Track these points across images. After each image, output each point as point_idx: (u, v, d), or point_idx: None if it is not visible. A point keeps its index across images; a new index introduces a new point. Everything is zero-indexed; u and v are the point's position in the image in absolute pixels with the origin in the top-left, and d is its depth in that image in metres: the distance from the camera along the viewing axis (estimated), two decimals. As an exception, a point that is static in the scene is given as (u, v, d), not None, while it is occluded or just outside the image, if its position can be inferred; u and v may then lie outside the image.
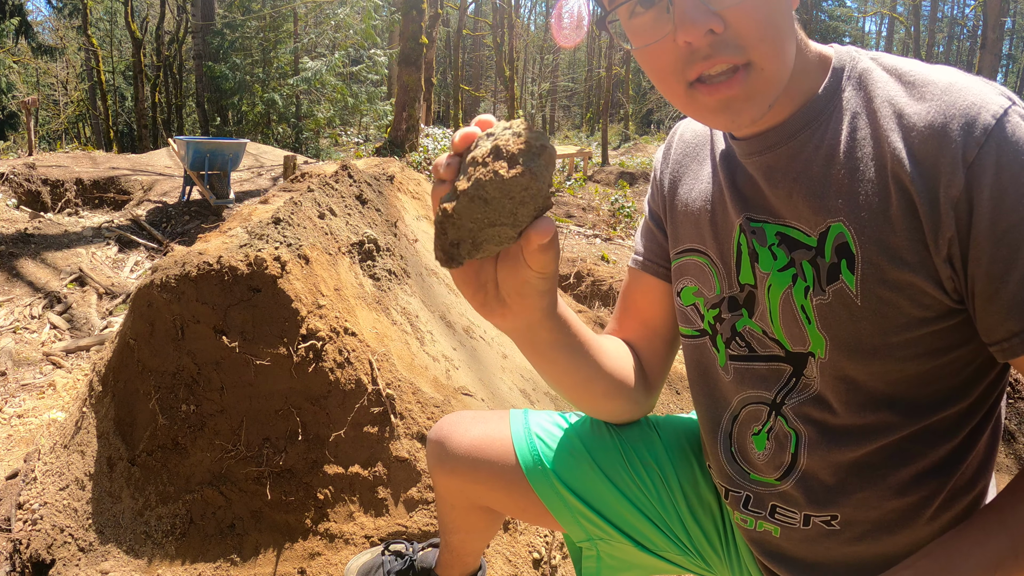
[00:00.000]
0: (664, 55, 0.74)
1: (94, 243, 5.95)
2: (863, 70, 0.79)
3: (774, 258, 0.83)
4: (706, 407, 0.98)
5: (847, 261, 0.76)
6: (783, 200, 0.81)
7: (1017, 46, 43.88)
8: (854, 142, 0.77)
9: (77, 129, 27.69)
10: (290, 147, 16.26)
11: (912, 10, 23.04)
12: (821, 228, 0.78)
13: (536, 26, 43.12)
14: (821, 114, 0.79)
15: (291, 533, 1.71)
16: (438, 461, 1.13)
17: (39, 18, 34.42)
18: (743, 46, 0.71)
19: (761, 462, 0.90)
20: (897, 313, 0.75)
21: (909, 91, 0.75)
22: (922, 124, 0.71)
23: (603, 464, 1.06)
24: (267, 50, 18.53)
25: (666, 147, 1.04)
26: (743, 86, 0.72)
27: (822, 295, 0.79)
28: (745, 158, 0.85)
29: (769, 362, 0.87)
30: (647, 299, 1.03)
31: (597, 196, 10.54)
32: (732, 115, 0.74)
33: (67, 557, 1.79)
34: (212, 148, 7.29)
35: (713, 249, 0.91)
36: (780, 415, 0.87)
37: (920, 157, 0.71)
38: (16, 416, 3.07)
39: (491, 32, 15.85)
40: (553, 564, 1.77)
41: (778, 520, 0.90)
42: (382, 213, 2.52)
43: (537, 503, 1.07)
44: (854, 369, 0.79)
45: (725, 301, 0.91)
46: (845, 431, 0.82)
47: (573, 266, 6.47)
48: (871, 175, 0.75)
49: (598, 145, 18.13)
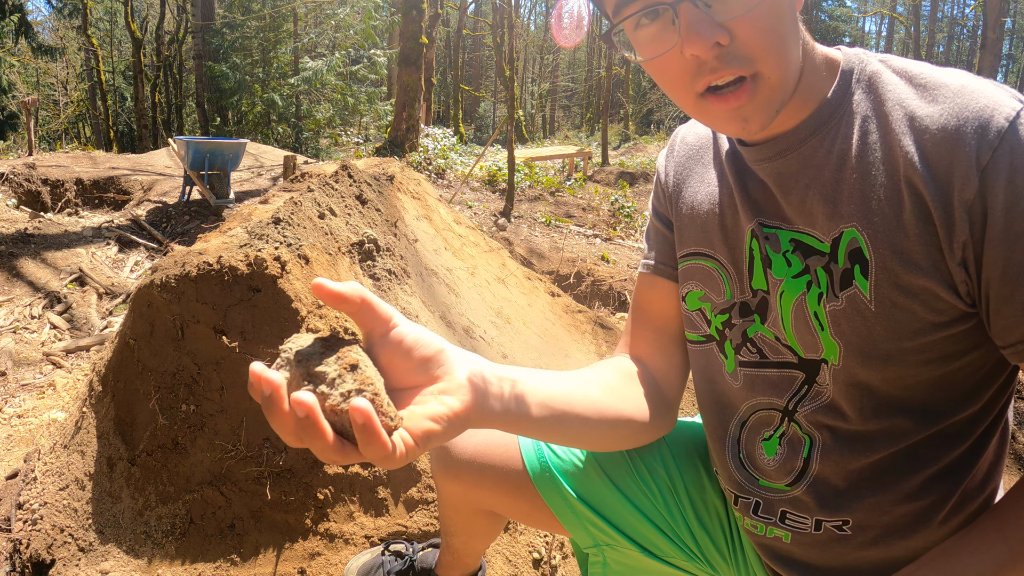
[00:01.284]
0: (672, 67, 0.74)
1: (94, 243, 5.94)
2: (873, 73, 0.79)
3: (788, 264, 0.82)
4: (713, 413, 0.97)
5: (860, 267, 0.76)
6: (796, 206, 0.81)
7: (1017, 46, 43.88)
8: (865, 146, 0.76)
9: (77, 129, 27.68)
10: (290, 147, 16.26)
11: (912, 10, 23.05)
12: (834, 234, 0.78)
13: (536, 26, 43.15)
14: (831, 118, 0.79)
15: (291, 533, 1.71)
16: (442, 466, 1.12)
17: (39, 18, 34.47)
18: (750, 57, 0.71)
19: (771, 468, 0.90)
20: (911, 318, 0.75)
21: (920, 94, 0.74)
22: (935, 127, 0.71)
23: (609, 470, 1.06)
24: (267, 50, 18.52)
25: (668, 150, 1.03)
26: (751, 95, 0.73)
27: (835, 301, 0.78)
28: (755, 164, 0.84)
29: (781, 369, 0.87)
30: (661, 304, 1.00)
31: (597, 196, 10.54)
32: (742, 123, 0.75)
33: (67, 557, 1.79)
34: (212, 148, 7.28)
35: (724, 253, 0.90)
36: (793, 421, 0.86)
37: (933, 160, 0.71)
38: (16, 416, 3.07)
39: (491, 32, 15.84)
40: (553, 564, 1.77)
41: (788, 526, 0.89)
42: (382, 213, 2.52)
43: (543, 509, 1.07)
44: (868, 375, 0.79)
45: (736, 306, 0.90)
46: (859, 437, 0.82)
47: (573, 266, 6.46)
48: (883, 179, 0.74)
49: (598, 145, 18.11)
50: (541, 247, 7.26)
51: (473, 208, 8.76)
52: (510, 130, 8.71)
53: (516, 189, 9.53)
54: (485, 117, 36.00)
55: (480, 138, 28.88)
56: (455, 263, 2.95)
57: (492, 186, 10.67)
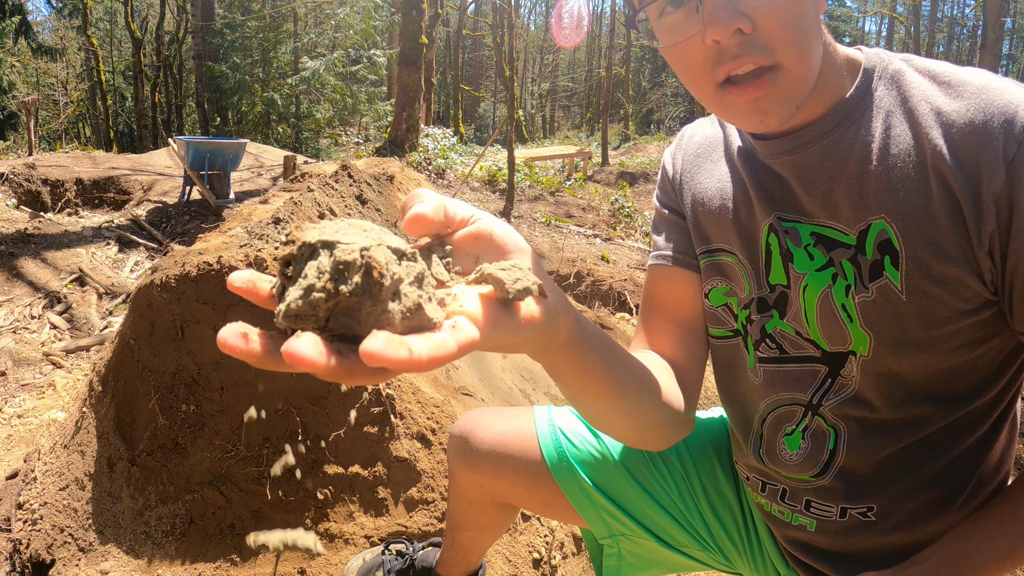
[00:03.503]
0: (693, 54, 0.75)
1: (94, 243, 5.95)
2: (896, 71, 0.80)
3: (811, 258, 0.83)
4: (736, 409, 0.98)
5: (891, 257, 0.77)
6: (819, 200, 0.82)
7: (1017, 46, 43.89)
8: (889, 139, 0.77)
9: (77, 129, 27.69)
10: (290, 147, 16.26)
11: (912, 10, 23.06)
12: (861, 226, 0.79)
13: (536, 26, 43.16)
14: (853, 113, 0.80)
15: (291, 533, 1.71)
16: (461, 456, 1.13)
17: (39, 18, 34.46)
18: (771, 47, 0.72)
19: (793, 462, 0.90)
20: (940, 307, 0.76)
21: (945, 90, 0.76)
22: (962, 121, 0.73)
23: (626, 461, 1.08)
24: (267, 50, 18.52)
25: (676, 146, 1.03)
26: (770, 87, 0.73)
27: (865, 293, 0.79)
28: (772, 158, 0.85)
29: (803, 363, 0.87)
30: (679, 295, 0.98)
31: (597, 196, 10.54)
32: (761, 115, 0.75)
33: (67, 557, 1.79)
34: (212, 148, 7.29)
35: (739, 249, 0.91)
36: (817, 415, 0.87)
37: (961, 153, 0.73)
38: (16, 416, 3.07)
39: (491, 32, 15.84)
40: (553, 564, 1.77)
41: (813, 514, 0.91)
42: (382, 213, 2.52)
43: (560, 498, 1.08)
44: (898, 364, 0.80)
45: (754, 302, 0.90)
46: (885, 425, 0.84)
47: (573, 266, 6.46)
48: (910, 171, 0.76)
49: (598, 145, 18.12)
50: (541, 247, 7.26)
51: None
52: (510, 130, 8.71)
53: (516, 189, 9.53)
54: (485, 117, 36.01)
55: (480, 138, 28.87)
56: (455, 263, 2.94)
57: (492, 186, 10.67)
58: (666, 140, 19.03)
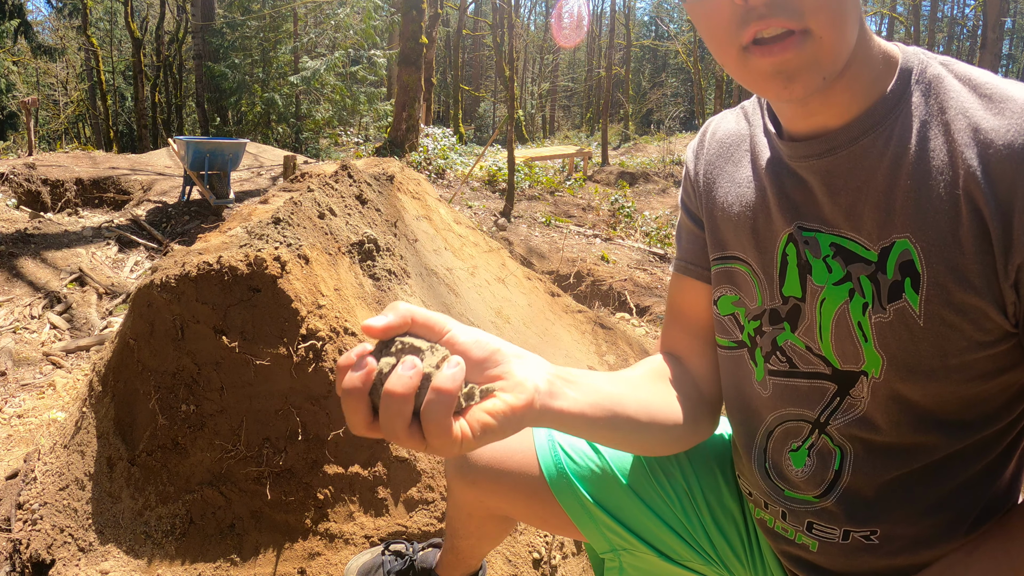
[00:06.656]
0: (720, 12, 0.71)
1: (94, 243, 5.95)
2: (934, 76, 0.76)
3: (829, 271, 0.80)
4: (740, 421, 0.95)
5: (911, 280, 0.73)
6: (844, 210, 0.78)
7: (1017, 46, 43.88)
8: (924, 153, 0.73)
9: (77, 129, 27.69)
10: (290, 147, 16.25)
11: (912, 10, 23.04)
12: (884, 243, 0.75)
13: (536, 26, 43.13)
14: (886, 118, 0.75)
15: (291, 533, 1.71)
16: (459, 472, 1.11)
17: (39, 18, 34.43)
18: (801, 10, 0.67)
19: (799, 479, 0.88)
20: (959, 336, 0.73)
21: (986, 105, 0.71)
22: (1001, 142, 0.68)
23: (626, 475, 1.06)
24: (267, 50, 18.52)
25: (698, 144, 1.00)
26: (798, 51, 0.68)
27: (882, 313, 0.76)
28: (798, 161, 0.81)
29: (812, 379, 0.85)
30: (690, 305, 0.98)
31: (597, 196, 10.55)
32: (785, 80, 0.70)
33: (67, 557, 1.79)
34: (212, 148, 7.29)
35: (754, 258, 0.88)
36: (824, 433, 0.85)
37: (996, 177, 0.68)
38: (16, 416, 3.07)
39: (491, 32, 15.84)
40: (553, 564, 1.77)
41: (816, 535, 0.89)
42: (382, 213, 2.52)
43: (560, 514, 1.07)
44: (909, 390, 0.77)
45: (766, 313, 0.88)
46: (892, 449, 0.81)
47: (573, 266, 6.46)
48: (941, 190, 0.71)
49: (598, 145, 18.12)
50: (541, 247, 7.26)
51: (473, 208, 8.76)
52: (510, 130, 8.71)
53: (516, 189, 9.53)
54: (485, 117, 36.00)
55: (480, 138, 28.87)
56: (455, 263, 2.95)
57: (492, 186, 10.67)
58: (666, 140, 19.00)
